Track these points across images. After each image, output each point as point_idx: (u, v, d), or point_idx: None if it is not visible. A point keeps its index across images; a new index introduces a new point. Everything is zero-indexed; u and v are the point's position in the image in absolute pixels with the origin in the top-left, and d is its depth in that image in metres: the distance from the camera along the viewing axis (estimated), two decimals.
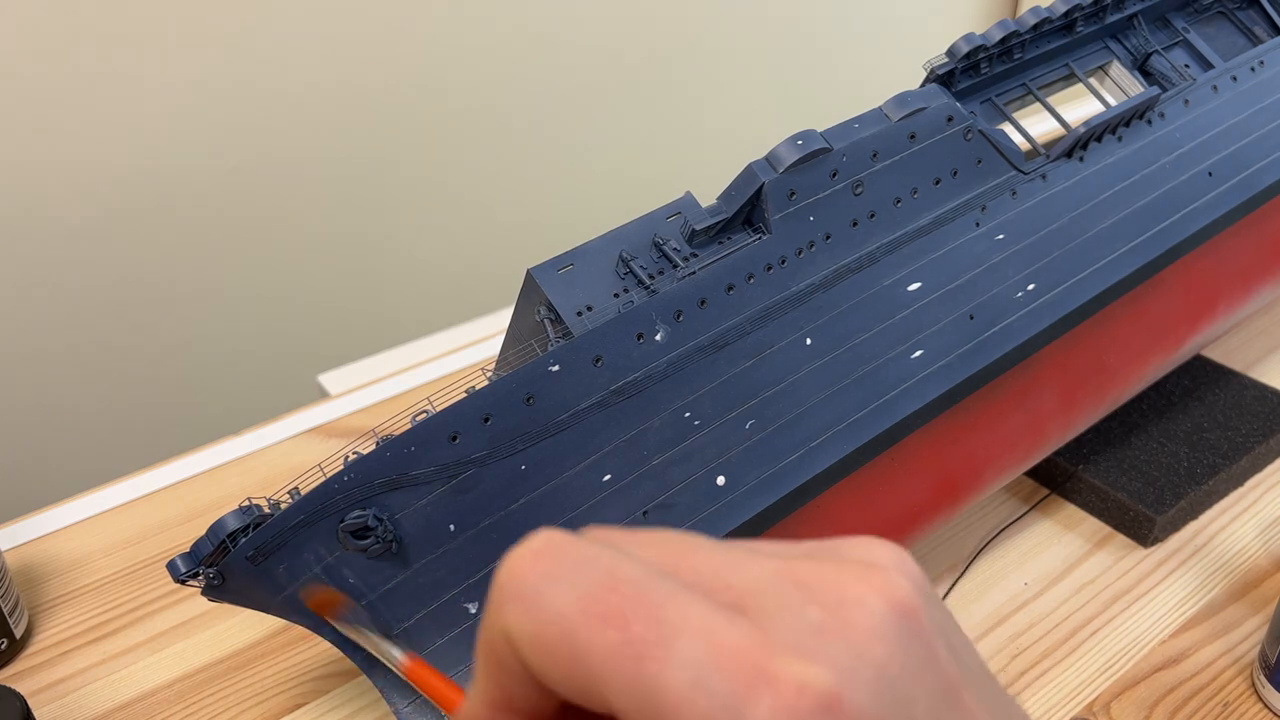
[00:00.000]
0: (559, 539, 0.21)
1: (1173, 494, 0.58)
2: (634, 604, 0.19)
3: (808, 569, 0.20)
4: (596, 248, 0.45)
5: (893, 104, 0.50)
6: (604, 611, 0.19)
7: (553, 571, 0.20)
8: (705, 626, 0.19)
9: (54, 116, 0.92)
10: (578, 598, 0.19)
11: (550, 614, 0.19)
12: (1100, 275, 0.54)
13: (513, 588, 0.20)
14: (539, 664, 0.20)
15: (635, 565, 0.20)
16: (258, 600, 0.44)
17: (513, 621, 0.20)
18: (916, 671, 0.19)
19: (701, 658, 0.18)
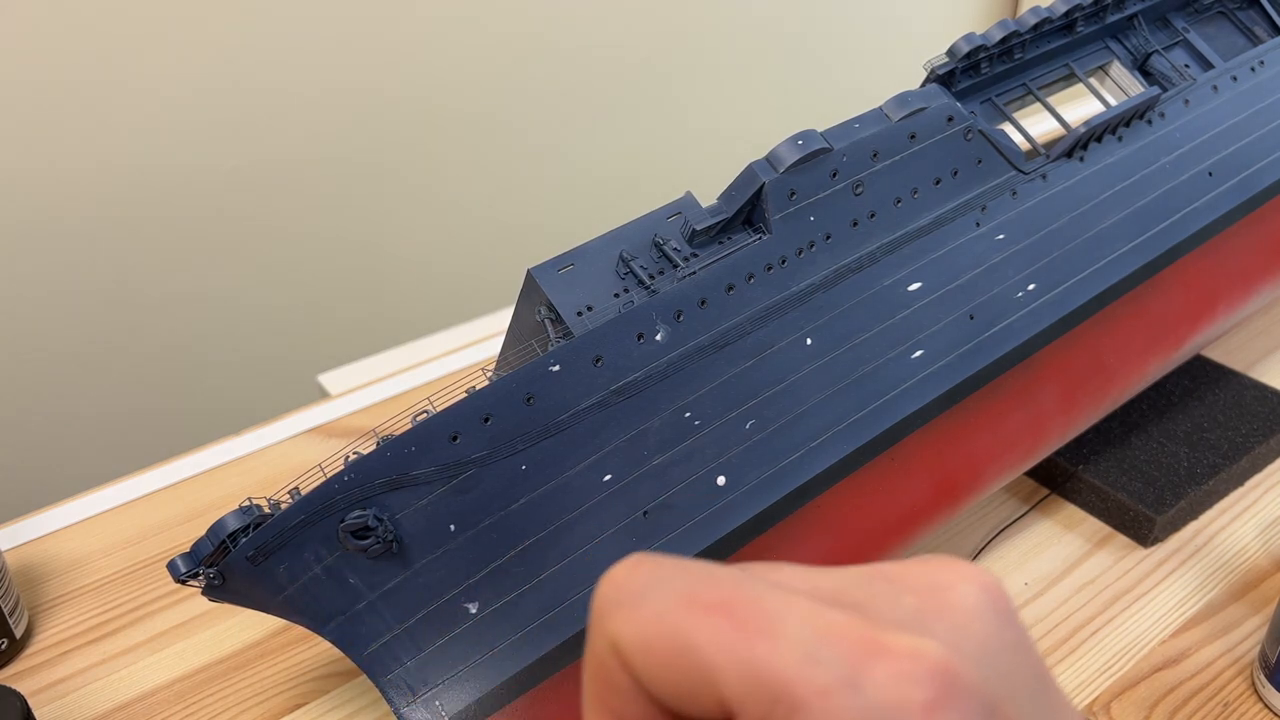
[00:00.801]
0: (651, 556, 0.21)
1: (1173, 494, 0.58)
2: (737, 594, 0.19)
3: (892, 568, 0.21)
4: (597, 248, 0.45)
5: (893, 104, 0.50)
6: (708, 603, 0.19)
7: (651, 577, 0.20)
8: (809, 610, 0.19)
9: (54, 118, 0.92)
10: (681, 594, 0.19)
11: (655, 613, 0.19)
12: (1100, 275, 0.54)
13: (614, 596, 0.20)
14: (648, 668, 0.19)
15: (730, 569, 0.20)
16: (258, 600, 0.44)
17: (618, 628, 0.20)
18: (1012, 651, 0.19)
19: (812, 635, 0.18)
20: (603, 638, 0.20)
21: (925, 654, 0.18)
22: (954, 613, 0.19)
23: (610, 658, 0.20)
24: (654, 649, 0.19)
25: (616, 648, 0.20)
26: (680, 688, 0.19)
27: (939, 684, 0.18)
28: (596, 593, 0.21)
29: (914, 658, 0.18)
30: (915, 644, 0.18)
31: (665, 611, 0.19)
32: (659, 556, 0.21)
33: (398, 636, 0.43)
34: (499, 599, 0.43)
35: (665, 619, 0.19)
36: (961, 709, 0.18)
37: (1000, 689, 0.19)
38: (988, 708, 0.18)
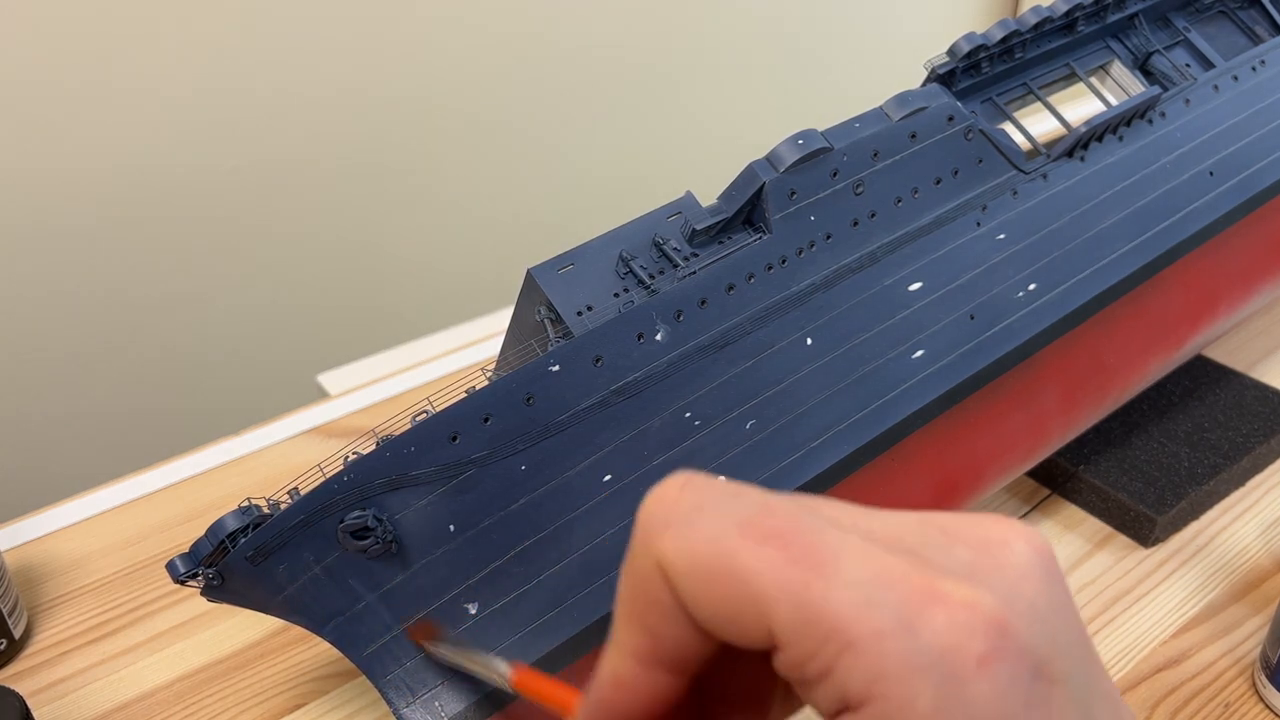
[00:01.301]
0: (701, 476, 0.21)
1: (1173, 494, 0.58)
2: (794, 527, 0.19)
3: (946, 519, 0.21)
4: (596, 248, 0.45)
5: (893, 103, 0.50)
6: (765, 532, 0.19)
7: (704, 500, 0.20)
8: (867, 551, 0.19)
9: (55, 118, 0.92)
10: (737, 520, 0.19)
11: (708, 536, 0.19)
12: (1101, 275, 0.54)
13: (664, 515, 0.20)
14: (695, 591, 0.19)
15: (786, 499, 0.20)
16: (257, 600, 0.44)
17: (667, 547, 0.20)
18: (1060, 613, 0.19)
19: (870, 577, 0.18)
20: (648, 555, 0.20)
21: (982, 605, 0.18)
22: (1006, 569, 0.19)
23: (655, 575, 0.20)
24: (704, 573, 0.19)
25: (663, 566, 0.20)
26: (727, 614, 0.19)
27: (994, 636, 0.18)
28: (643, 508, 0.21)
29: (971, 608, 0.18)
30: (973, 594, 0.18)
31: (719, 536, 0.19)
32: (711, 478, 0.21)
33: (397, 637, 0.43)
34: (499, 599, 0.43)
35: (719, 544, 0.19)
36: (1013, 663, 0.18)
37: (1048, 648, 0.18)
38: (1037, 665, 0.18)
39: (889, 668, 0.17)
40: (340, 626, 0.43)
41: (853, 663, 0.18)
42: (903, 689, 0.17)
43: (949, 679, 0.17)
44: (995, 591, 0.18)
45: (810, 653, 0.18)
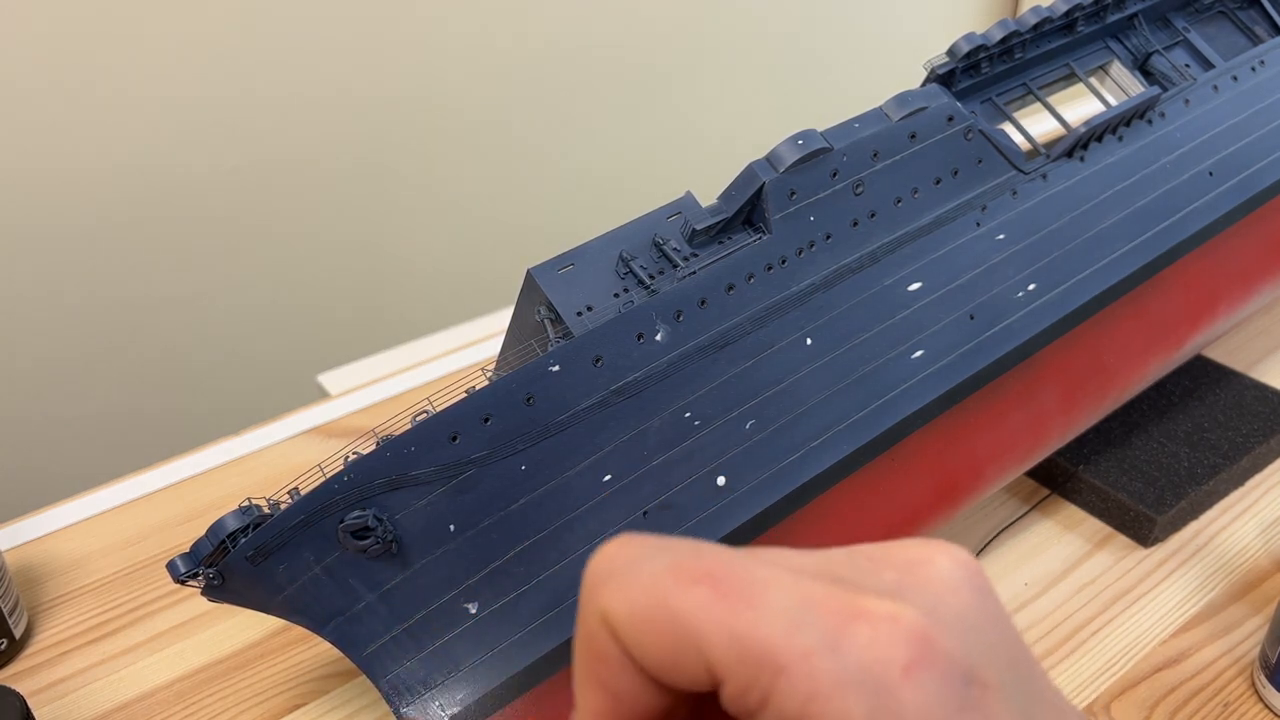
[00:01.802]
0: (639, 535, 0.22)
1: (1173, 494, 0.58)
2: (721, 566, 0.20)
3: (872, 548, 0.21)
4: (596, 248, 0.45)
5: (893, 104, 0.50)
6: (694, 574, 0.20)
7: (639, 552, 0.21)
8: (791, 580, 0.19)
9: (53, 119, 0.92)
10: (668, 566, 0.20)
11: (643, 584, 0.20)
12: (1101, 275, 0.54)
13: (604, 570, 0.21)
14: (637, 638, 0.20)
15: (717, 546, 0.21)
16: (257, 600, 0.44)
17: (606, 600, 0.20)
18: (990, 624, 0.20)
19: (795, 603, 0.19)
20: (594, 611, 0.21)
21: (902, 618, 0.18)
22: (931, 584, 0.20)
23: (600, 630, 0.20)
24: (643, 619, 0.20)
25: (606, 619, 0.20)
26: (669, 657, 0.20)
27: (917, 646, 0.18)
28: (587, 568, 0.21)
29: (892, 621, 0.18)
30: (893, 608, 0.19)
31: (653, 583, 0.20)
32: (647, 535, 0.21)
33: (397, 637, 0.43)
34: (499, 599, 0.43)
35: (653, 590, 0.20)
36: (940, 670, 0.18)
37: (978, 657, 0.19)
38: (966, 672, 0.18)
39: (820, 687, 0.18)
40: (340, 626, 0.43)
41: (787, 686, 0.18)
42: (835, 705, 0.18)
43: (878, 691, 0.18)
44: (918, 605, 0.19)
45: (748, 683, 0.19)
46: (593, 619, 0.21)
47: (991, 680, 0.19)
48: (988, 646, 0.19)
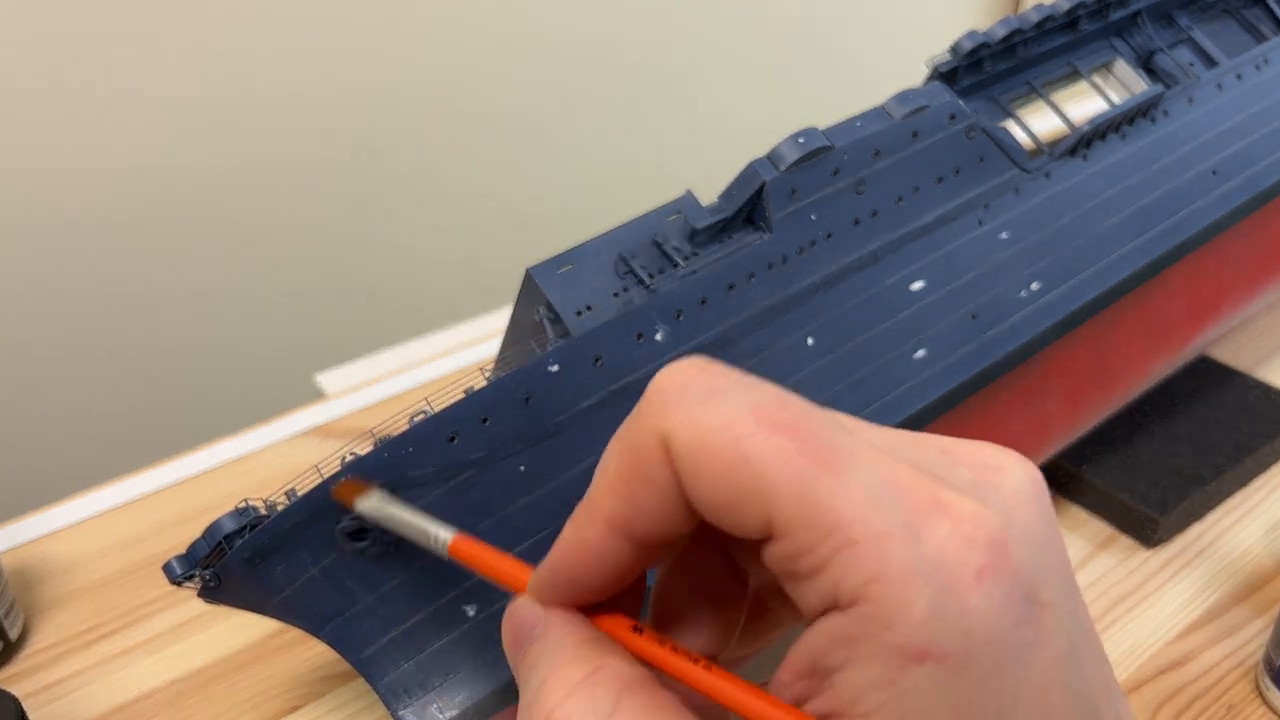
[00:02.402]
0: (717, 362, 0.21)
1: (1176, 495, 0.58)
2: (808, 422, 0.19)
3: (945, 440, 0.21)
4: (596, 247, 0.44)
5: (895, 102, 0.50)
6: (778, 422, 0.19)
7: (719, 384, 0.20)
8: (877, 455, 0.19)
9: (53, 118, 0.91)
10: (751, 407, 0.19)
11: (721, 419, 0.19)
12: (1104, 274, 0.54)
13: (676, 393, 0.20)
14: (699, 471, 0.19)
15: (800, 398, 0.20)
16: (254, 602, 0.43)
17: (676, 424, 0.19)
18: (1051, 543, 0.19)
19: (879, 480, 0.18)
20: (653, 430, 0.20)
21: (985, 521, 0.18)
22: (1004, 493, 0.19)
23: (656, 450, 0.20)
24: (712, 454, 0.19)
25: (666, 440, 0.20)
26: (728, 498, 0.19)
27: (994, 552, 0.18)
28: (654, 384, 0.21)
29: (974, 521, 0.18)
30: (977, 509, 0.18)
31: (731, 420, 0.19)
32: (725, 365, 0.21)
33: (395, 639, 0.42)
34: (497, 601, 0.42)
35: (731, 427, 0.19)
36: (1009, 581, 0.18)
37: (1040, 574, 0.18)
38: (1030, 589, 0.18)
39: (889, 569, 0.17)
40: (338, 628, 0.43)
41: (851, 561, 0.18)
42: (900, 592, 0.17)
43: (946, 588, 0.17)
44: (995, 511, 0.18)
45: (808, 546, 0.18)
46: (649, 436, 0.20)
47: (1048, 600, 0.18)
48: (1050, 566, 0.19)
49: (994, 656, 0.17)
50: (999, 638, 0.17)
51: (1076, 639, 0.19)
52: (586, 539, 0.21)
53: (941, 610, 0.17)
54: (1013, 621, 0.18)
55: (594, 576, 0.21)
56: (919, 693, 0.17)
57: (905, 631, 0.17)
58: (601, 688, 0.20)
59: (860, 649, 0.18)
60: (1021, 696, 0.18)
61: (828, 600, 0.18)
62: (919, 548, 0.18)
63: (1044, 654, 0.18)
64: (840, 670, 0.18)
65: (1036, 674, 0.18)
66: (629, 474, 0.20)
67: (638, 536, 0.20)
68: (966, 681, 0.17)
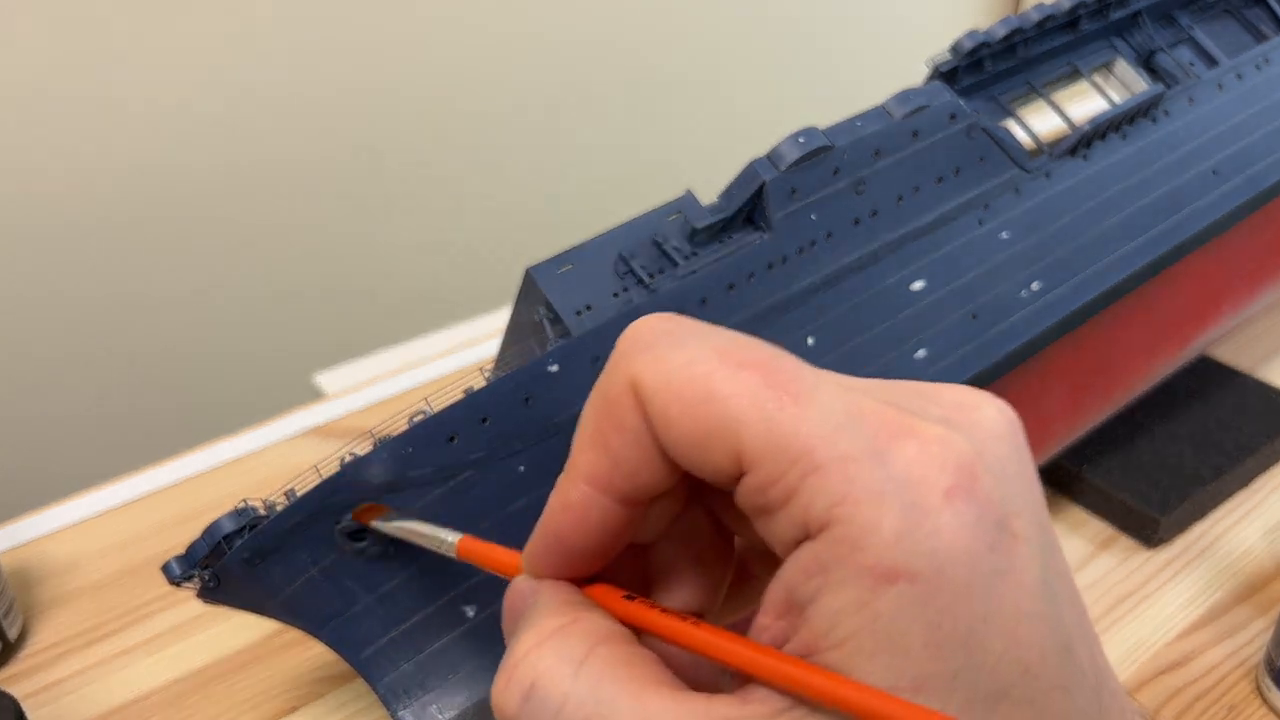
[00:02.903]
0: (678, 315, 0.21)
1: (1177, 495, 0.58)
2: (772, 359, 0.19)
3: (918, 385, 0.21)
4: (596, 247, 0.44)
5: (895, 101, 0.50)
6: (742, 360, 0.19)
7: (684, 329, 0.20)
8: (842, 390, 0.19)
9: (50, 119, 0.91)
10: (715, 347, 0.19)
11: (686, 359, 0.19)
12: (1104, 274, 0.54)
13: (643, 339, 0.20)
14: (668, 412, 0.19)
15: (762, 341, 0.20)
16: (254, 602, 0.43)
17: (641, 369, 0.20)
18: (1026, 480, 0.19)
19: (844, 407, 0.18)
20: (623, 377, 0.20)
21: (954, 443, 0.18)
22: (977, 429, 0.19)
23: (626, 395, 0.20)
24: (678, 394, 0.19)
25: (636, 386, 0.20)
26: (697, 436, 0.19)
27: (964, 474, 0.18)
28: (625, 334, 0.21)
29: (942, 443, 0.18)
30: (943, 432, 0.18)
31: (699, 359, 0.19)
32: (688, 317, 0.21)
33: (395, 639, 0.42)
34: (497, 602, 0.42)
35: (696, 367, 0.19)
36: (979, 504, 0.18)
37: (1013, 507, 0.18)
38: (1001, 518, 0.18)
39: (854, 491, 0.17)
40: (337, 629, 0.42)
41: (818, 485, 0.18)
42: (867, 512, 0.17)
43: (915, 507, 0.17)
44: (966, 439, 0.19)
45: (776, 476, 0.18)
46: (619, 384, 0.20)
47: (1020, 532, 0.18)
48: (1022, 501, 0.19)
49: (964, 578, 0.17)
50: (970, 559, 0.17)
51: (1051, 577, 0.19)
52: (569, 499, 0.21)
53: (911, 529, 0.17)
54: (984, 546, 0.17)
55: (580, 538, 0.21)
56: (891, 615, 0.17)
57: (875, 552, 0.17)
58: (575, 637, 0.20)
59: (832, 574, 0.18)
60: (993, 623, 0.17)
61: (799, 529, 0.18)
62: (885, 468, 0.18)
63: (1016, 583, 0.18)
64: (814, 601, 0.18)
65: (1008, 603, 0.18)
66: (603, 425, 0.20)
67: (619, 490, 0.20)
68: (937, 603, 0.17)
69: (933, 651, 0.17)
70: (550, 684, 0.19)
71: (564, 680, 0.19)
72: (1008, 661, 0.17)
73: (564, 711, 0.19)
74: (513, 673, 0.20)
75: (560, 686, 0.19)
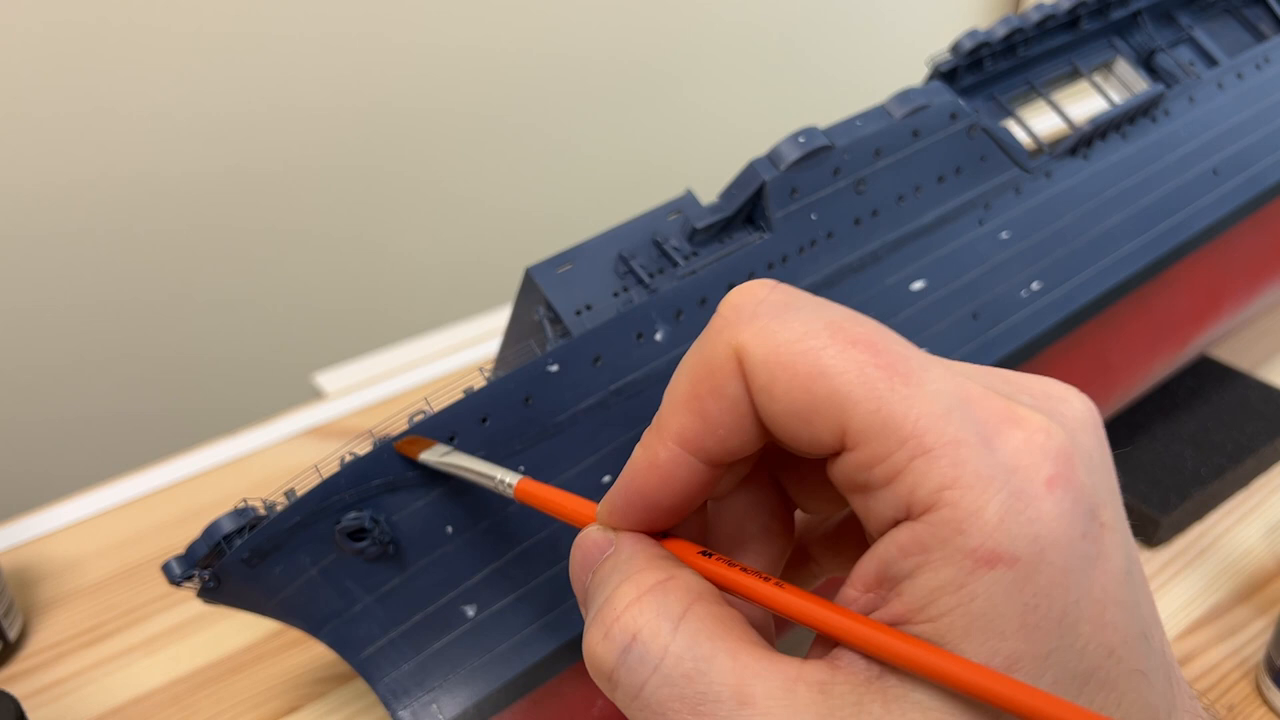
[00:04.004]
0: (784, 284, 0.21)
1: (1178, 495, 0.58)
2: (882, 338, 0.19)
3: (1010, 373, 0.21)
4: (596, 246, 0.44)
5: (896, 101, 0.50)
6: (853, 337, 0.19)
7: (792, 300, 0.21)
8: (950, 374, 0.19)
9: (50, 120, 0.91)
10: (826, 322, 0.20)
11: (795, 331, 0.19)
12: (1105, 274, 0.54)
13: (750, 308, 0.20)
14: (774, 382, 0.19)
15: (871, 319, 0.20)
16: (253, 603, 0.43)
17: (749, 337, 0.20)
18: (1109, 470, 0.20)
19: (953, 391, 0.19)
20: (727, 342, 0.20)
21: (1055, 434, 0.19)
22: (1069, 420, 0.20)
23: (729, 363, 0.20)
24: (788, 365, 0.19)
25: (741, 353, 0.20)
26: (802, 409, 0.19)
27: (1064, 463, 0.18)
28: (728, 300, 0.21)
29: (1046, 433, 0.18)
30: (1048, 423, 0.19)
31: (807, 333, 0.19)
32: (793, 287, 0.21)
33: (394, 640, 0.42)
34: (497, 601, 0.42)
35: (806, 339, 0.19)
36: (1075, 492, 0.18)
37: (1102, 496, 0.19)
38: (1093, 505, 0.19)
39: (962, 476, 0.18)
40: (337, 629, 0.42)
41: (926, 468, 0.18)
42: (974, 497, 0.18)
43: (1018, 494, 0.18)
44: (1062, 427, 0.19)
45: (882, 455, 0.18)
46: (723, 349, 0.20)
47: (1108, 521, 0.19)
48: (1108, 491, 0.19)
49: (1061, 563, 0.18)
50: (1066, 545, 0.18)
51: (1133, 565, 0.20)
52: (657, 457, 0.21)
53: (1014, 515, 0.18)
54: (1079, 532, 0.18)
55: (664, 495, 0.21)
56: (988, 596, 0.18)
57: (978, 536, 0.18)
58: (674, 594, 0.20)
59: (933, 554, 0.18)
60: (1083, 607, 0.18)
61: (900, 510, 0.18)
62: (993, 455, 0.18)
63: (1105, 569, 0.18)
64: (910, 577, 0.18)
65: (1097, 588, 0.18)
66: (701, 390, 0.21)
67: (708, 452, 0.21)
68: (1034, 586, 0.18)
69: (1028, 633, 0.18)
70: (651, 638, 0.20)
71: (664, 635, 0.20)
72: (1095, 644, 0.18)
73: (663, 665, 0.19)
74: (612, 625, 0.20)
75: (660, 641, 0.20)
